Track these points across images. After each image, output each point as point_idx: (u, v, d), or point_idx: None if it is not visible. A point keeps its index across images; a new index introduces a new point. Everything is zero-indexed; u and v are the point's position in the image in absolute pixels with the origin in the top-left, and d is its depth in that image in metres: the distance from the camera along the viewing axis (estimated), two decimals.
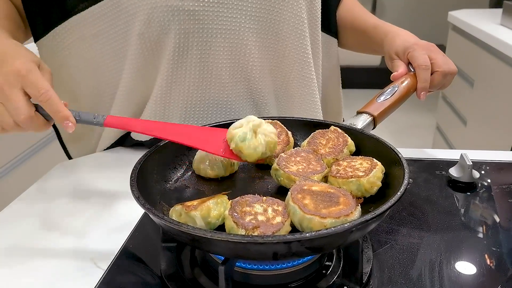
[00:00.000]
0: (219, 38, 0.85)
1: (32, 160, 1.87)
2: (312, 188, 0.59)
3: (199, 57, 0.86)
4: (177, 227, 0.50)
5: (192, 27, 0.83)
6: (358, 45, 1.09)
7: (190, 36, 0.84)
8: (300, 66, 0.93)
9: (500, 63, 1.92)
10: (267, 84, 0.93)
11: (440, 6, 3.98)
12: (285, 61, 0.92)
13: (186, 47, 0.84)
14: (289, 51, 0.91)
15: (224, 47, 0.86)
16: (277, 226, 0.54)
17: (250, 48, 0.88)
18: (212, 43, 0.85)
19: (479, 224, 0.73)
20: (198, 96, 0.89)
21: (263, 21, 0.87)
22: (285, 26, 0.89)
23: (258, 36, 0.88)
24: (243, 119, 0.69)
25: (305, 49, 0.93)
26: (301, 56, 0.93)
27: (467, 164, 0.81)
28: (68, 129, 0.64)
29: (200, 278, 0.60)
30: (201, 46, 0.85)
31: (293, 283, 0.59)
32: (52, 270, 0.63)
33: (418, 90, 0.86)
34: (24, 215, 0.76)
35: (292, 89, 0.95)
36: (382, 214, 0.52)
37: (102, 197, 0.81)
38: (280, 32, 0.89)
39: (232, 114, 0.92)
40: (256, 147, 0.67)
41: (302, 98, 0.96)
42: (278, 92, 0.95)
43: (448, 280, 0.60)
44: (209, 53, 0.86)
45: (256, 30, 0.87)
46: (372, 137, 0.72)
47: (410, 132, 3.38)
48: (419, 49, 0.87)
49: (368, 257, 0.63)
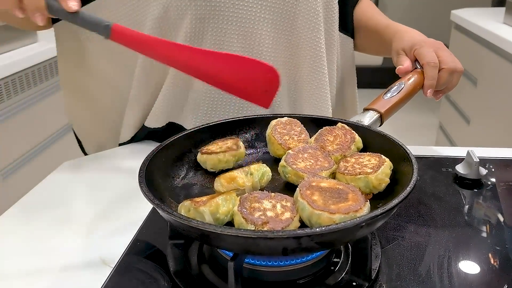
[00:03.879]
0: (234, 26, 0.86)
1: (39, 157, 1.87)
2: (320, 184, 0.59)
3: (213, 43, 0.87)
4: (187, 222, 0.50)
5: (208, 13, 0.84)
6: (371, 46, 1.09)
7: (205, 22, 0.85)
8: (312, 59, 0.94)
9: (503, 62, 1.91)
10: (280, 75, 0.93)
11: (442, 5, 3.98)
12: (298, 54, 0.93)
13: (201, 32, 0.86)
14: (302, 44, 0.92)
15: (238, 35, 0.87)
16: (286, 221, 0.54)
17: (263, 38, 0.89)
18: (227, 30, 0.87)
19: (487, 220, 0.73)
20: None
21: (278, 12, 0.88)
22: (299, 18, 0.90)
23: (272, 27, 0.89)
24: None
25: (318, 43, 0.93)
26: (314, 50, 0.93)
27: (474, 161, 0.80)
28: (70, 5, 0.59)
29: (208, 274, 0.60)
30: (215, 32, 0.86)
31: (301, 279, 0.59)
32: (60, 268, 0.63)
33: (425, 87, 0.85)
34: (32, 213, 0.76)
35: (303, 82, 0.96)
36: (392, 209, 0.52)
37: (109, 194, 0.81)
38: (294, 24, 0.90)
39: (242, 105, 0.93)
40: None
41: (312, 92, 0.96)
42: (290, 84, 0.96)
43: (457, 276, 0.60)
44: (223, 40, 0.87)
45: (270, 20, 0.88)
46: (379, 134, 0.72)
47: (413, 131, 3.38)
48: (427, 46, 0.87)
49: (376, 253, 0.63)
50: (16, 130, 1.74)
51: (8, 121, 1.69)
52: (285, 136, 0.75)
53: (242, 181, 0.65)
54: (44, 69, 1.89)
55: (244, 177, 0.66)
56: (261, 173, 0.67)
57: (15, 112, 1.73)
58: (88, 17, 0.60)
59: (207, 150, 0.72)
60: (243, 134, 0.80)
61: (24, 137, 1.79)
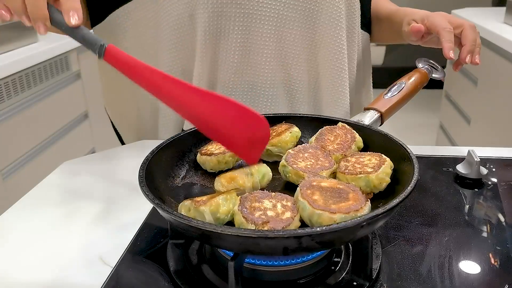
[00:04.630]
0: (259, 24, 0.88)
1: (39, 157, 1.87)
2: (321, 184, 0.59)
3: (239, 41, 0.89)
4: (187, 222, 0.50)
5: (233, 10, 0.86)
6: (382, 34, 1.10)
7: (231, 20, 0.87)
8: (335, 57, 0.95)
9: (504, 61, 1.91)
10: (301, 72, 0.95)
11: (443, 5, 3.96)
12: (320, 51, 0.94)
13: (227, 30, 0.87)
14: (324, 41, 0.93)
15: (262, 33, 0.89)
16: (286, 221, 0.53)
17: (287, 35, 0.90)
18: (252, 28, 0.88)
19: (487, 220, 0.72)
20: (236, 81, 0.92)
21: (301, 9, 0.90)
22: (322, 15, 0.91)
23: (296, 25, 0.90)
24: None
25: (340, 41, 0.94)
26: (336, 47, 0.94)
27: (474, 160, 0.80)
28: (71, 20, 0.58)
29: (208, 274, 0.60)
30: (242, 30, 0.88)
31: (302, 279, 0.59)
32: (60, 267, 0.63)
33: (446, 49, 0.83)
34: (31, 213, 0.76)
35: (324, 79, 0.96)
36: (393, 209, 0.52)
37: (109, 194, 0.80)
38: (317, 21, 0.91)
39: (266, 101, 0.94)
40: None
41: (331, 89, 0.97)
42: (311, 81, 0.97)
43: (458, 276, 0.60)
44: (248, 38, 0.89)
45: (294, 18, 0.90)
46: (380, 133, 0.72)
47: (413, 131, 3.38)
48: (439, 16, 0.88)
49: (377, 253, 0.63)
50: (16, 130, 1.74)
51: (8, 121, 1.69)
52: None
53: (242, 182, 0.65)
54: (44, 69, 1.89)
55: (245, 178, 0.65)
56: (262, 174, 0.66)
57: (15, 112, 1.73)
58: (87, 33, 0.59)
59: (206, 150, 0.72)
60: None
61: (24, 137, 1.79)
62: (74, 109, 2.15)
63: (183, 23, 0.88)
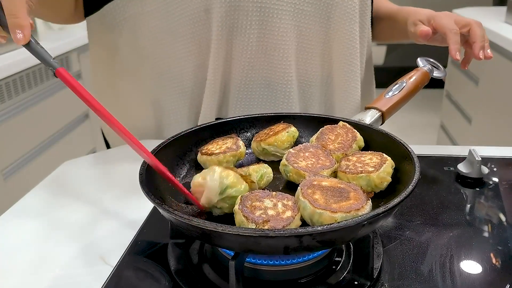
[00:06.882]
0: (276, 19, 0.88)
1: (40, 157, 1.87)
2: (322, 183, 0.59)
3: (256, 36, 0.88)
4: (188, 221, 0.50)
5: (250, 4, 0.86)
6: (383, 32, 1.10)
7: (248, 14, 0.87)
8: (348, 51, 0.95)
9: (505, 61, 1.91)
10: (315, 67, 0.95)
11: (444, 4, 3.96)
12: (334, 45, 0.94)
13: (243, 24, 0.87)
14: (338, 35, 0.93)
15: (280, 28, 0.89)
16: (287, 220, 0.53)
17: (305, 30, 0.91)
18: (269, 23, 0.88)
19: (489, 220, 0.72)
20: (251, 77, 0.92)
21: (318, 3, 0.90)
22: (337, 10, 0.91)
23: (312, 19, 0.91)
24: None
25: (353, 36, 0.95)
26: (350, 42, 0.94)
27: (476, 159, 0.80)
28: (19, 41, 0.57)
29: (209, 274, 0.60)
30: (258, 25, 0.88)
31: (303, 278, 0.59)
32: (61, 267, 0.63)
33: (452, 51, 0.84)
34: (32, 212, 0.76)
35: (336, 74, 0.97)
36: (394, 208, 0.52)
37: (110, 194, 0.80)
38: (332, 15, 0.92)
39: (282, 97, 0.94)
40: None
41: (343, 84, 0.97)
42: (323, 76, 0.97)
43: (459, 276, 0.60)
44: (265, 33, 0.89)
45: (311, 12, 0.90)
46: (381, 132, 0.71)
47: (414, 131, 3.37)
48: (445, 17, 0.88)
49: (378, 252, 0.63)
50: (16, 130, 1.74)
51: (9, 121, 1.69)
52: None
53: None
54: (44, 69, 1.89)
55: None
56: (260, 174, 0.65)
57: (16, 112, 1.73)
58: (40, 51, 0.58)
59: (206, 150, 0.72)
60: (243, 133, 0.80)
61: (24, 137, 1.79)
62: (74, 109, 2.15)
63: (199, 17, 0.87)
